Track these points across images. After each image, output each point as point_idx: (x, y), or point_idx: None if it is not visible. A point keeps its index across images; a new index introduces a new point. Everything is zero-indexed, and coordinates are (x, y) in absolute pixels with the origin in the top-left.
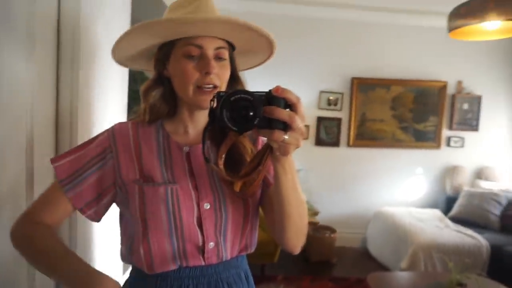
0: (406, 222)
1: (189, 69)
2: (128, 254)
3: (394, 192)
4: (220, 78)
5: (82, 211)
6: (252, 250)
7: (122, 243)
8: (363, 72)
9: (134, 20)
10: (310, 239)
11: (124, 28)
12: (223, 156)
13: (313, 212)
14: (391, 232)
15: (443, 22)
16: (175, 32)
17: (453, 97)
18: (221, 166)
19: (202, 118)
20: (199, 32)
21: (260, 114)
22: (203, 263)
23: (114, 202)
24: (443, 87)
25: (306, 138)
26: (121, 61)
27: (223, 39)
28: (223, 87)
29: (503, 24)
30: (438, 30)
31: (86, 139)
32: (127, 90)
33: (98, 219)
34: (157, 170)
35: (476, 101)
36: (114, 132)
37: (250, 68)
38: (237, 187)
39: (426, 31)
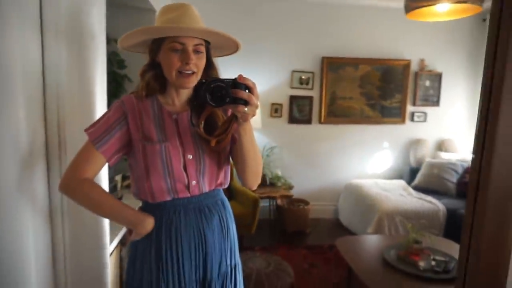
0: (373, 192)
1: (173, 60)
2: (137, 191)
3: (363, 165)
4: (197, 66)
5: (109, 160)
6: (226, 185)
7: (132, 185)
8: (333, 52)
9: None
10: (285, 211)
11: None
12: (202, 122)
13: (288, 186)
14: (360, 202)
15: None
16: (165, 33)
17: (416, 74)
18: (201, 129)
19: (185, 93)
20: (183, 34)
21: (230, 94)
22: (189, 195)
23: (125, 154)
24: (407, 65)
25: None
26: (124, 48)
27: (201, 38)
28: (199, 72)
29: (453, 6)
30: (402, 10)
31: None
32: (105, 71)
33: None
34: (154, 132)
35: (437, 78)
36: (124, 102)
37: (222, 56)
38: (213, 143)
39: (391, 11)
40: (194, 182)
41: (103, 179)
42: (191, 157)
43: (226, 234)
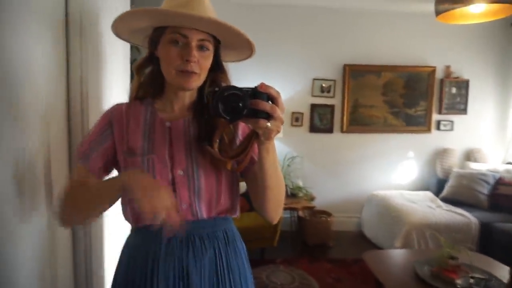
0: (399, 203)
1: (172, 54)
2: (123, 212)
3: (387, 176)
4: (200, 66)
5: (98, 177)
6: (234, 214)
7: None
8: (355, 59)
9: (133, 1)
10: (307, 223)
11: (124, 6)
12: (218, 140)
13: (309, 197)
14: (385, 214)
15: (430, 8)
16: (168, 21)
17: (442, 81)
18: (216, 149)
19: (186, 97)
20: (187, 25)
21: (248, 106)
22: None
23: (115, 168)
24: (432, 72)
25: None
26: (119, 34)
27: (208, 33)
28: (202, 75)
29: (487, 7)
30: (426, 16)
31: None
32: (129, 69)
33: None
34: (139, 143)
35: (464, 85)
36: (112, 111)
37: (233, 61)
38: (229, 165)
39: (415, 17)
40: (184, 205)
41: None
42: (181, 173)
43: (224, 281)
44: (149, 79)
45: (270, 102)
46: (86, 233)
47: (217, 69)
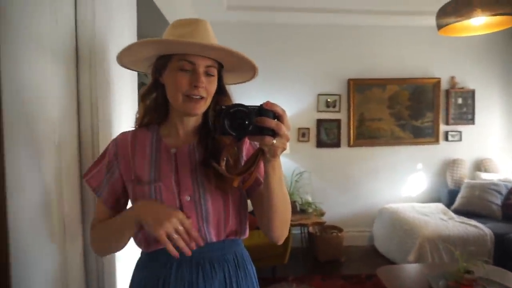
0: (411, 216)
1: (181, 80)
2: (134, 238)
3: (397, 189)
4: (207, 91)
5: (112, 208)
6: (243, 236)
7: None
8: (359, 73)
9: (139, 32)
10: (317, 239)
11: (131, 40)
12: (224, 159)
13: (319, 213)
14: (397, 228)
15: (433, 21)
16: (174, 49)
17: (447, 92)
18: (223, 167)
19: (191, 122)
20: (194, 52)
21: (253, 123)
22: None
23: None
24: (437, 83)
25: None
26: (124, 65)
27: (213, 59)
28: (209, 99)
29: (487, 20)
30: (429, 28)
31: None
32: (137, 97)
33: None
34: (146, 171)
35: (470, 95)
36: (117, 142)
37: (235, 83)
38: (236, 183)
39: (417, 30)
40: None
41: None
42: (188, 198)
43: None
44: (153, 106)
45: (276, 120)
46: (98, 257)
47: (220, 92)
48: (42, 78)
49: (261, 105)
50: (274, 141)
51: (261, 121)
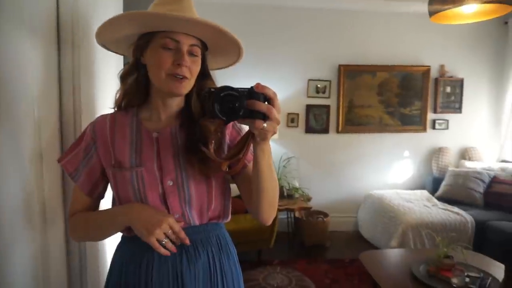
0: (395, 203)
1: (164, 58)
2: None
3: (383, 175)
4: (190, 71)
5: (89, 194)
6: (225, 220)
7: None
8: (350, 59)
9: (126, 10)
10: (303, 223)
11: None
12: (213, 142)
13: (306, 198)
14: (381, 214)
15: (424, 8)
16: (157, 25)
17: (436, 80)
18: (212, 151)
19: (173, 104)
20: (179, 29)
21: (244, 106)
22: None
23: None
24: (427, 71)
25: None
26: (103, 44)
27: (198, 38)
28: (192, 80)
29: (480, 7)
30: (420, 15)
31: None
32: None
33: (100, 198)
34: (126, 156)
35: (458, 84)
36: (95, 126)
37: (223, 67)
38: (224, 166)
39: (409, 17)
40: (177, 215)
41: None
42: (171, 183)
43: (217, 285)
44: (134, 88)
45: (266, 103)
46: (81, 247)
47: (204, 76)
48: (21, 55)
49: (251, 87)
50: (265, 125)
51: (251, 105)
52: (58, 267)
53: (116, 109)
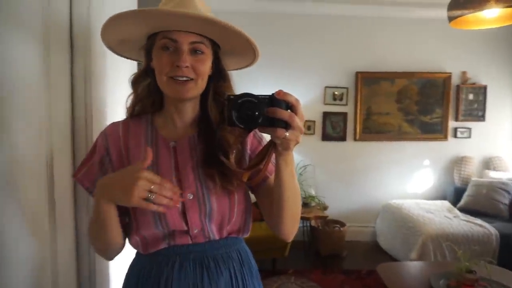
0: (415, 213)
1: (163, 60)
2: (130, 241)
3: (402, 184)
4: (195, 71)
5: None
6: (245, 234)
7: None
8: (367, 66)
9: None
10: (320, 233)
11: None
12: (234, 152)
13: (322, 207)
14: (400, 225)
15: (444, 13)
16: (154, 24)
17: (458, 88)
18: (232, 161)
19: (188, 109)
20: (176, 27)
21: (264, 113)
22: (190, 242)
23: None
24: (448, 78)
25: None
26: (110, 46)
27: (202, 35)
28: (199, 81)
29: (501, 12)
30: (440, 21)
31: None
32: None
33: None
34: None
35: (481, 91)
36: (106, 136)
37: (239, 68)
38: (245, 177)
39: (428, 23)
40: (196, 230)
41: None
42: (191, 196)
43: None
44: (146, 93)
45: (288, 111)
46: (90, 253)
47: (219, 77)
48: (34, 61)
49: (272, 94)
50: (287, 134)
51: (272, 112)
52: (68, 272)
53: (128, 116)
